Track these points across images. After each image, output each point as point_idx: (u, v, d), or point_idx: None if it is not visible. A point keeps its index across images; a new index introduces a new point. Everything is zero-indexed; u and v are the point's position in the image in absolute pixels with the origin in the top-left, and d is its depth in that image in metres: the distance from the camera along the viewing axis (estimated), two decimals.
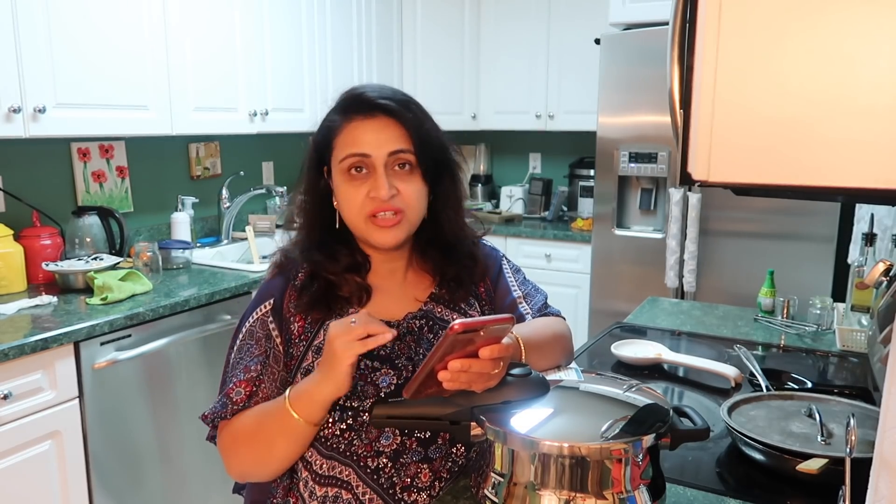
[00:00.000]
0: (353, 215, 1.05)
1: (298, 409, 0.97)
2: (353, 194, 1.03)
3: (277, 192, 3.07)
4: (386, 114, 1.03)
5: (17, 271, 2.14)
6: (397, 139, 1.03)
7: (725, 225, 2.90)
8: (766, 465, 1.09)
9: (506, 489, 0.88)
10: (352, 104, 1.05)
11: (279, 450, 1.01)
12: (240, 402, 1.04)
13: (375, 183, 1.02)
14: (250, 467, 1.06)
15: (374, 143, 1.02)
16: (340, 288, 1.07)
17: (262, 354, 1.06)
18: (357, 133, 1.03)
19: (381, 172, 1.02)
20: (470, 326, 0.82)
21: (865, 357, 1.62)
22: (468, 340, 0.84)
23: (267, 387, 1.05)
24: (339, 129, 1.04)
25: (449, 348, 0.84)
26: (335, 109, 1.07)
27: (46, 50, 2.01)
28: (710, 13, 0.58)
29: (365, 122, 1.03)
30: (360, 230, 1.06)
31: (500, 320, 0.86)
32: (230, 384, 1.05)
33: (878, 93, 0.52)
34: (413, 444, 1.03)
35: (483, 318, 0.85)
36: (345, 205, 1.05)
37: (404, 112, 1.04)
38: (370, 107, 1.03)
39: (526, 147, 4.18)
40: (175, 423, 2.16)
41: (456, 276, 1.13)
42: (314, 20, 3.02)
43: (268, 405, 1.03)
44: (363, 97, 1.04)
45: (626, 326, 1.93)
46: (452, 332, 0.81)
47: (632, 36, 2.98)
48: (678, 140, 0.69)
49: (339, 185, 1.05)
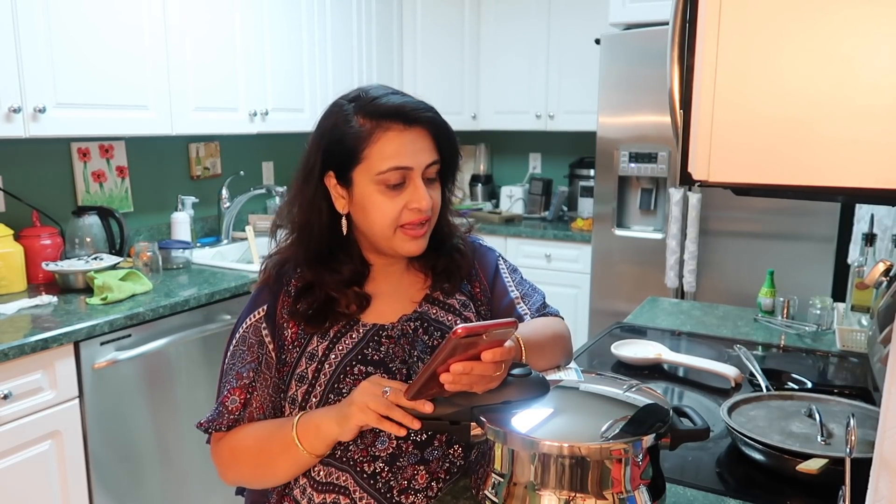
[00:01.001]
0: (383, 226, 1.02)
1: (304, 440, 0.97)
2: (388, 206, 1.01)
3: (277, 192, 3.07)
4: (423, 126, 1.02)
5: (17, 271, 2.14)
6: (431, 150, 1.03)
7: (725, 225, 2.90)
8: (766, 465, 1.08)
9: (506, 489, 0.88)
10: (389, 113, 1.00)
11: (280, 471, 1.02)
12: (235, 410, 1.04)
13: (416, 194, 1.01)
14: (248, 481, 1.08)
15: (414, 156, 1.01)
16: (339, 304, 1.06)
17: (254, 361, 1.05)
18: (397, 145, 1.00)
19: (419, 184, 1.01)
20: (473, 331, 0.82)
21: (865, 357, 1.62)
22: (470, 344, 0.84)
23: (260, 394, 1.05)
24: (374, 138, 1.00)
25: (451, 352, 0.84)
26: (359, 115, 1.01)
27: (46, 50, 2.01)
28: (710, 13, 0.58)
29: (404, 133, 1.00)
30: (388, 239, 1.04)
31: (503, 324, 0.86)
32: (224, 392, 1.05)
33: (877, 93, 0.52)
34: (409, 448, 1.03)
35: (486, 323, 0.85)
36: (376, 215, 1.02)
37: (439, 124, 1.04)
38: (411, 119, 1.01)
39: (526, 147, 4.18)
40: (175, 423, 2.16)
41: (445, 268, 1.13)
42: (314, 20, 3.02)
43: (271, 426, 1.03)
44: (404, 109, 1.00)
45: (626, 326, 1.93)
46: (455, 335, 0.81)
47: (632, 36, 2.98)
48: (678, 140, 0.69)
49: (369, 195, 1.01)
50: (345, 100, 1.05)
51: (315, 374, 1.04)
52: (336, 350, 1.05)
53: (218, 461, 1.06)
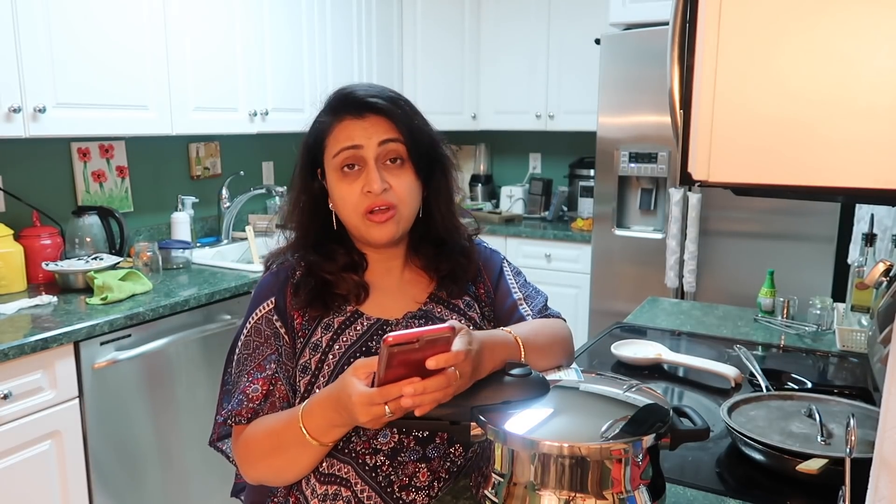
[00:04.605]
0: (349, 213, 1.06)
1: (311, 430, 0.96)
2: (347, 192, 1.04)
3: (277, 192, 3.07)
4: (376, 112, 1.04)
5: (17, 271, 2.14)
6: (387, 131, 1.04)
7: (725, 225, 2.90)
8: (766, 465, 1.08)
9: (506, 489, 0.88)
10: (342, 104, 1.06)
11: (300, 465, 1.00)
12: (256, 399, 1.03)
13: (367, 177, 1.03)
14: (269, 478, 1.05)
15: (365, 136, 1.03)
16: (337, 286, 1.07)
17: (274, 353, 1.06)
18: (349, 130, 1.04)
19: (372, 166, 1.03)
20: (403, 339, 0.82)
21: (865, 357, 1.62)
22: (411, 351, 0.83)
23: (283, 385, 1.05)
24: (331, 129, 1.06)
25: (388, 360, 0.83)
26: (325, 111, 1.08)
27: (46, 49, 2.01)
28: (710, 13, 0.58)
29: (356, 121, 1.04)
30: (357, 228, 1.07)
31: (436, 331, 0.84)
32: (244, 382, 1.04)
33: (877, 93, 0.52)
34: (411, 443, 1.03)
35: (417, 330, 0.84)
36: (340, 203, 1.06)
37: (394, 108, 1.05)
38: (360, 106, 1.04)
39: (526, 147, 4.18)
40: (175, 423, 2.16)
41: (450, 271, 1.13)
42: (314, 20, 3.02)
43: (277, 424, 1.01)
44: (353, 97, 1.05)
45: (626, 326, 1.92)
46: (386, 343, 0.81)
47: (632, 36, 2.98)
48: (678, 140, 0.69)
49: (333, 184, 1.06)
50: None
51: (318, 364, 1.05)
52: (340, 341, 1.05)
53: (237, 459, 1.05)
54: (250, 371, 1.05)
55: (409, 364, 0.84)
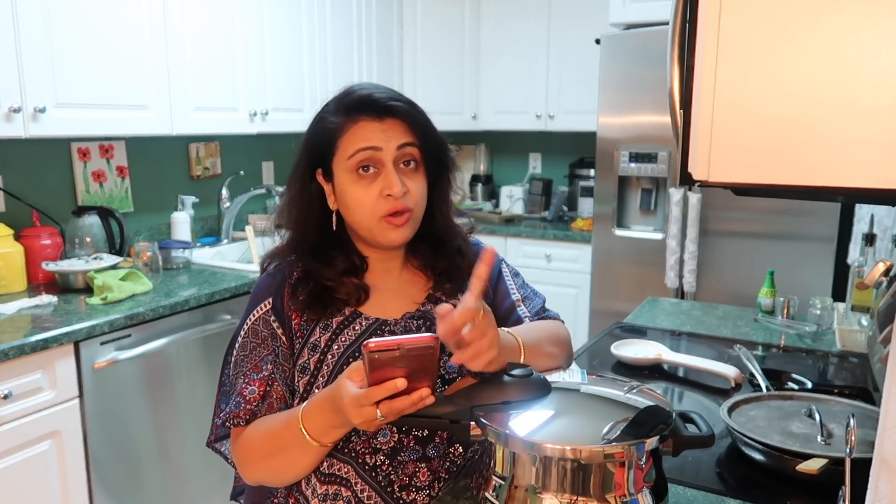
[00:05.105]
0: (363, 216, 1.04)
1: (311, 431, 0.95)
2: (363, 195, 1.02)
3: (277, 192, 3.07)
4: (394, 115, 1.03)
5: (17, 271, 2.14)
6: (404, 135, 1.04)
7: (725, 225, 2.90)
8: (766, 465, 1.08)
9: (507, 492, 0.87)
10: (358, 105, 1.03)
11: (300, 465, 1.00)
12: (253, 400, 1.03)
13: (387, 180, 1.01)
14: (268, 479, 1.06)
15: (384, 139, 1.02)
16: (337, 291, 1.07)
17: (271, 353, 1.05)
18: (366, 132, 1.02)
19: (390, 168, 1.02)
20: (382, 346, 0.82)
21: (865, 357, 1.62)
22: (393, 359, 0.83)
23: (279, 386, 1.05)
24: (344, 130, 1.03)
25: (371, 365, 0.83)
26: (336, 111, 1.05)
27: (46, 50, 2.01)
28: (710, 13, 0.58)
29: (374, 122, 1.02)
30: (371, 230, 1.05)
31: (417, 339, 0.84)
32: (241, 383, 1.04)
33: (877, 93, 0.52)
34: (411, 443, 1.03)
35: (398, 338, 0.84)
36: (354, 206, 1.04)
37: (412, 112, 1.04)
38: (380, 108, 1.02)
39: (526, 147, 4.18)
40: (175, 423, 2.16)
41: (445, 269, 1.13)
42: (314, 20, 3.02)
43: (277, 425, 1.00)
44: (371, 98, 1.03)
45: (626, 326, 1.92)
46: (367, 349, 0.82)
47: (632, 36, 2.98)
48: (678, 140, 0.69)
49: (345, 186, 1.04)
50: (331, 98, 1.08)
51: (317, 364, 1.05)
52: (339, 341, 1.05)
53: (236, 460, 1.05)
54: (247, 372, 1.05)
55: (395, 370, 0.85)
